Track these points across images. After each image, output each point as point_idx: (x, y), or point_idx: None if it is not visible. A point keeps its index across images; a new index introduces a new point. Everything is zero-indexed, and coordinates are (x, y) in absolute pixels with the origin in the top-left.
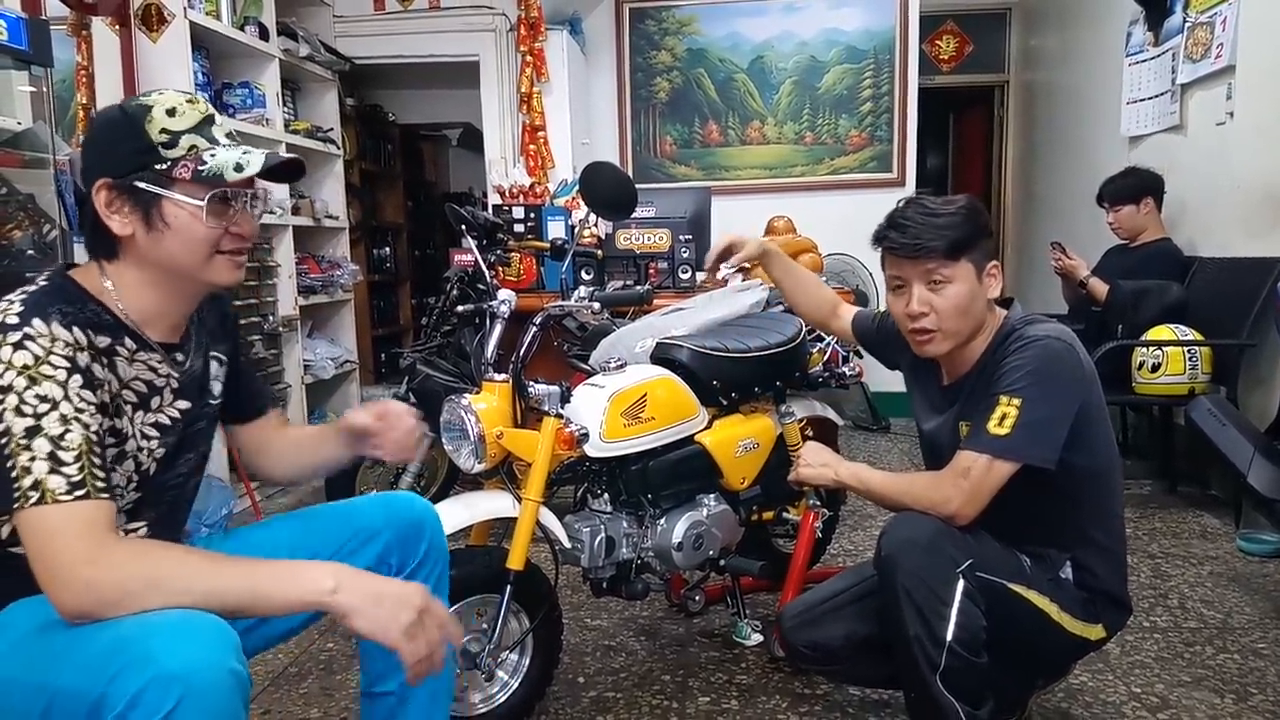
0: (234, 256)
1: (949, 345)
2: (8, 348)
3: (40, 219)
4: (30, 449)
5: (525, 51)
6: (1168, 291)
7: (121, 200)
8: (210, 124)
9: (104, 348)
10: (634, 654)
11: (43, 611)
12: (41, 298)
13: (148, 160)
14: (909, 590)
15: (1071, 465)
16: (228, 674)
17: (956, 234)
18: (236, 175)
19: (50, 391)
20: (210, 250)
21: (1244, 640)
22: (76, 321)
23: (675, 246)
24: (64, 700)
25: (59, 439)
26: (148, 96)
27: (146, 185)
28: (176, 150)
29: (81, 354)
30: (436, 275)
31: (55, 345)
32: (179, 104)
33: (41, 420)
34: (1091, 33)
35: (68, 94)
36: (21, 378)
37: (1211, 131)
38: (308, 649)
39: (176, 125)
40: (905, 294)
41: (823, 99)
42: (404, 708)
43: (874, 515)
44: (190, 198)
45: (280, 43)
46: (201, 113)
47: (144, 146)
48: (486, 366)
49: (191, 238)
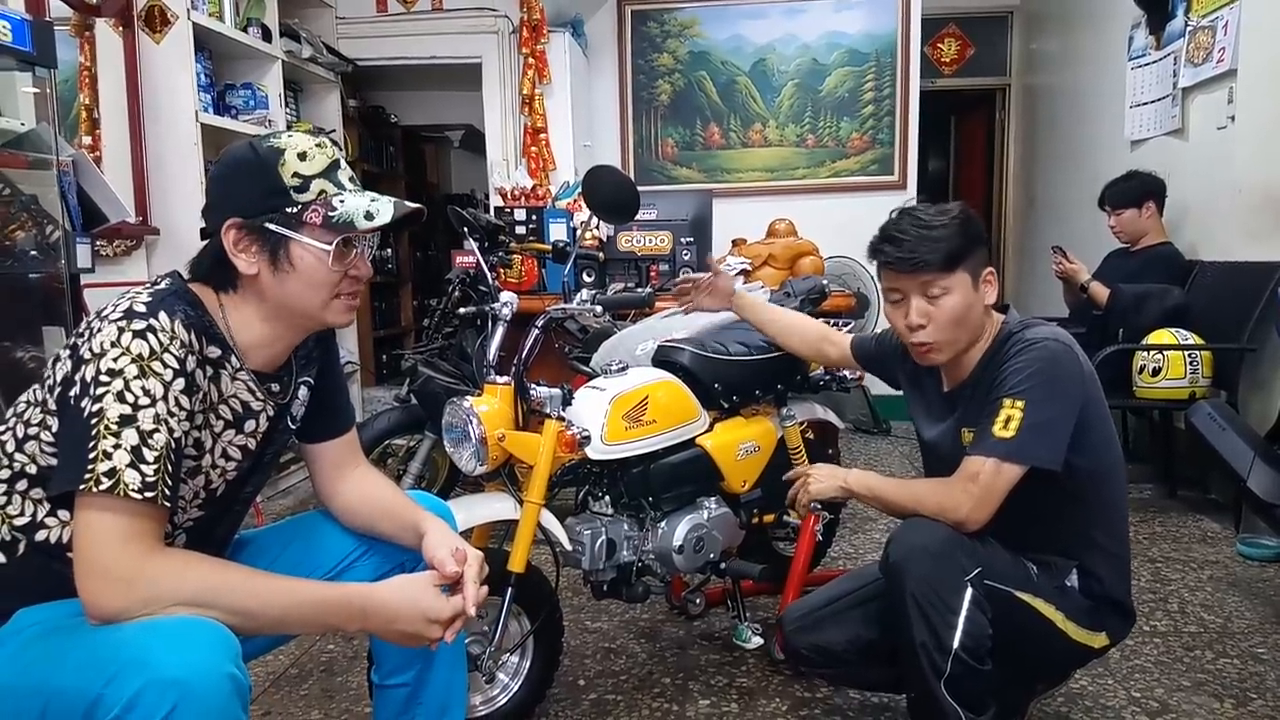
0: (351, 299)
1: (950, 354)
2: (129, 334)
3: (43, 220)
4: (119, 437)
5: (527, 53)
6: (1169, 295)
7: (250, 240)
8: (337, 168)
9: (214, 358)
10: (634, 656)
11: (45, 618)
12: (170, 296)
13: (279, 203)
14: (917, 597)
15: (1075, 467)
16: (225, 678)
17: (951, 246)
18: (367, 224)
19: (154, 388)
20: (332, 293)
21: (1244, 645)
22: (197, 326)
23: (676, 249)
24: (60, 702)
25: (148, 435)
26: (279, 139)
27: (277, 227)
28: (307, 194)
29: (192, 357)
30: (438, 277)
31: (173, 343)
32: (309, 148)
33: (139, 413)
34: (1093, 36)
35: (70, 95)
36: (134, 366)
37: (1213, 135)
38: (309, 650)
39: (308, 170)
40: (904, 306)
41: (824, 102)
42: (418, 698)
43: (874, 519)
44: (318, 242)
45: (283, 44)
46: (329, 157)
47: (276, 189)
48: (488, 369)
49: (315, 280)
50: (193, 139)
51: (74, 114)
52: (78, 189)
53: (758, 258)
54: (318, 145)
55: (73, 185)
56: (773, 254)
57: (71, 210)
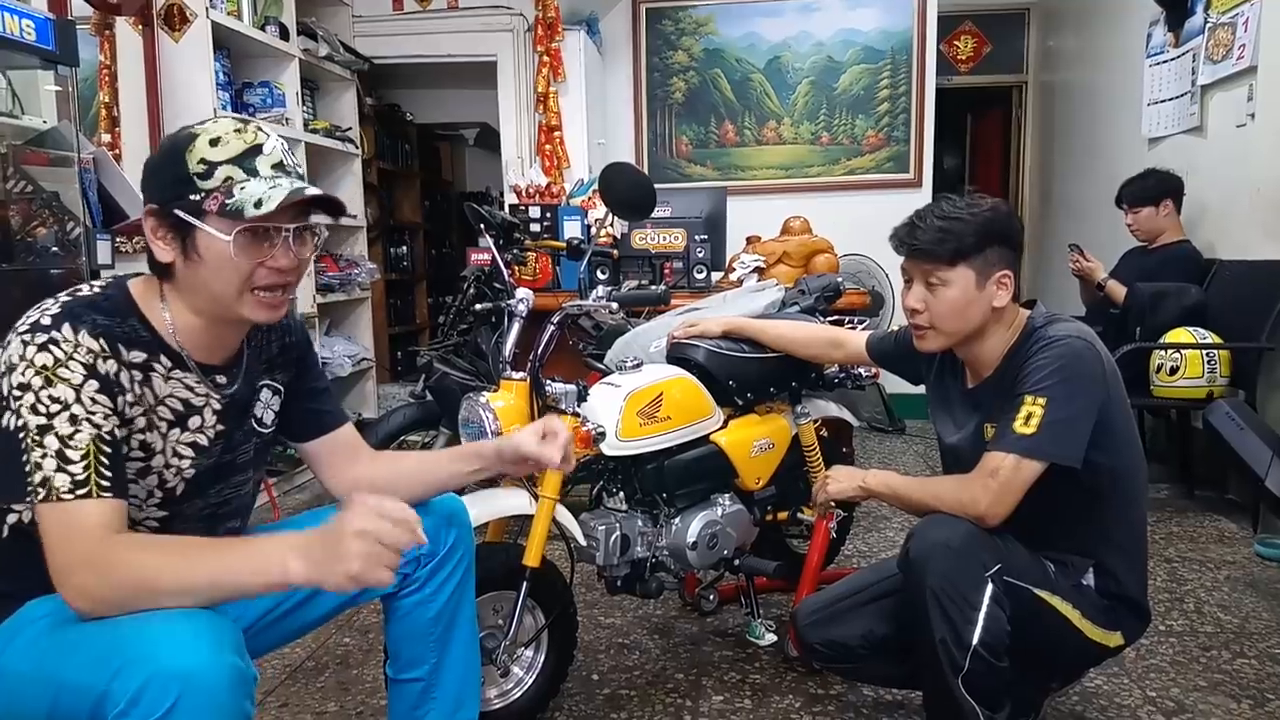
0: (270, 293)
1: (943, 342)
2: (33, 347)
3: (64, 216)
4: (42, 445)
5: (542, 51)
6: (1186, 294)
7: (164, 227)
8: (255, 154)
9: (139, 362)
10: (648, 652)
11: (55, 608)
12: (80, 305)
13: (184, 190)
14: (937, 593)
15: (1096, 465)
16: (229, 669)
17: (959, 242)
18: (255, 211)
19: (63, 394)
20: (242, 285)
21: (1261, 645)
22: (108, 334)
23: (690, 246)
24: (69, 696)
25: (68, 439)
26: (202, 124)
27: (184, 215)
28: (211, 181)
29: (106, 362)
30: (453, 274)
31: (77, 351)
32: (225, 133)
33: (53, 420)
34: (1111, 33)
35: (90, 93)
36: (39, 377)
37: (1232, 133)
38: (325, 643)
39: (216, 155)
40: (909, 288)
41: (839, 99)
42: (432, 692)
43: (888, 516)
44: (219, 231)
45: (300, 42)
46: (247, 142)
47: (180, 176)
48: (504, 365)
49: (223, 271)
50: None
51: (94, 112)
52: (98, 186)
53: (772, 255)
54: (236, 131)
55: (93, 182)
56: (787, 252)
57: (92, 207)
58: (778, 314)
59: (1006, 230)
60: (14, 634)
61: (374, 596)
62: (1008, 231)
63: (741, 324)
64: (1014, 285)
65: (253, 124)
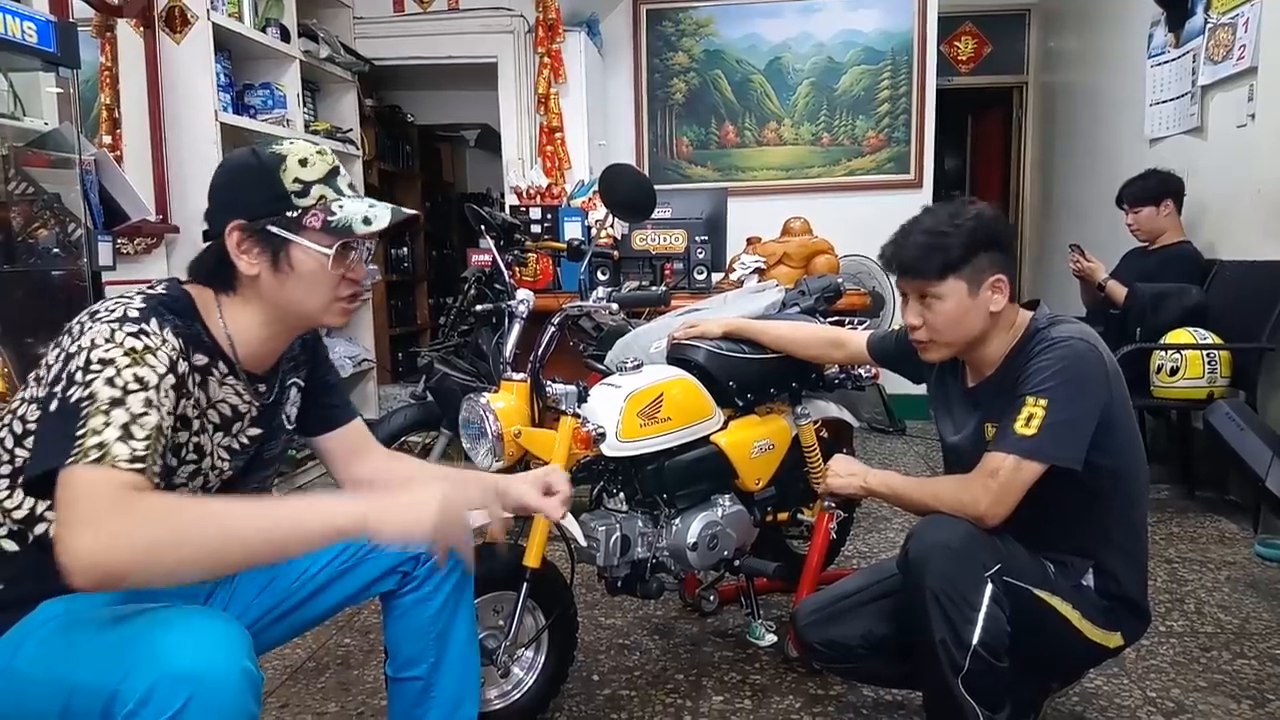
0: (348, 302)
1: (946, 353)
2: (122, 332)
3: (65, 218)
4: (108, 416)
5: (543, 53)
6: (1187, 295)
7: (252, 242)
8: (336, 175)
9: (200, 366)
10: (648, 653)
11: (66, 610)
12: (160, 305)
13: (281, 207)
14: (937, 593)
15: (1097, 466)
16: (238, 672)
17: (946, 255)
18: (365, 228)
19: (146, 375)
20: (331, 295)
21: (1261, 646)
22: (184, 335)
23: (691, 247)
24: (81, 697)
25: (138, 416)
26: (281, 145)
27: (279, 230)
28: (307, 199)
29: (182, 362)
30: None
31: (165, 346)
32: (310, 154)
33: (128, 396)
34: (1112, 34)
35: (91, 95)
36: (126, 356)
37: (1232, 133)
38: (325, 644)
39: (308, 175)
40: (906, 304)
41: (840, 100)
42: (432, 691)
43: (889, 517)
44: (319, 245)
45: (301, 44)
46: (329, 164)
47: (278, 193)
48: (504, 366)
49: (314, 283)
50: (212, 138)
51: (95, 113)
52: (99, 187)
53: (772, 256)
54: (318, 152)
55: (95, 184)
56: (788, 252)
57: (93, 208)
58: (778, 315)
59: (994, 235)
60: (25, 636)
61: (374, 595)
62: (996, 236)
63: (742, 325)
64: (1009, 287)
65: (319, 146)
